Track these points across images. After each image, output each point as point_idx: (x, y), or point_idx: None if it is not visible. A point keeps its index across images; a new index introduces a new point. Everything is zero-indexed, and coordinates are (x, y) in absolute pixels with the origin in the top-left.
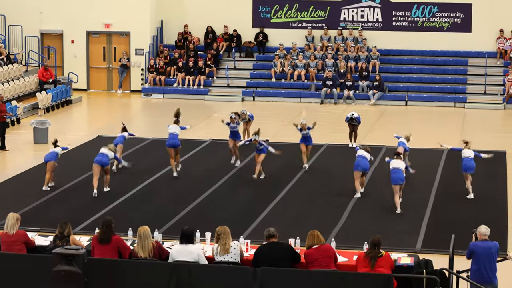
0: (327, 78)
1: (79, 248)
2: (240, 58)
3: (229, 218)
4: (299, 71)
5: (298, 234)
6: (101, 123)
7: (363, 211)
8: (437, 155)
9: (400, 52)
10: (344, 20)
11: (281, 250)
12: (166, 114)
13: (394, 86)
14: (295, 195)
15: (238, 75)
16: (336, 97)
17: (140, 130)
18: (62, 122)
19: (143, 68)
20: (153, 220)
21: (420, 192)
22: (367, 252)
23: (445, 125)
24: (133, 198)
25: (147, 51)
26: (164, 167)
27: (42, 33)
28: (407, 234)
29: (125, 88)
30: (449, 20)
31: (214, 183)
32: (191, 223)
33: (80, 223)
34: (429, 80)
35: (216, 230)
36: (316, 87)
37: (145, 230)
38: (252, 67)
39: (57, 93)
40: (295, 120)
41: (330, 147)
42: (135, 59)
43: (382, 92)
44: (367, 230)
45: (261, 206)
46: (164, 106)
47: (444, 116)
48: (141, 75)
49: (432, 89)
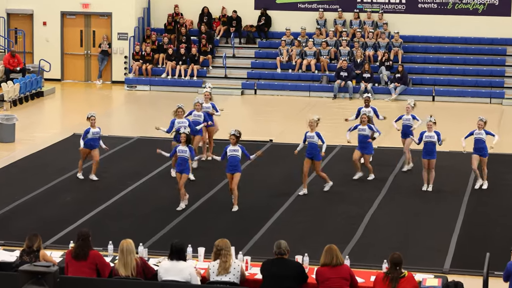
0: (341, 69)
1: (50, 265)
2: (240, 45)
3: (227, 230)
4: (309, 60)
5: (307, 250)
6: (77, 119)
7: (382, 224)
8: (469, 160)
9: (426, 39)
10: (361, 1)
11: (289, 267)
12: (153, 109)
13: (419, 79)
14: (303, 204)
15: (237, 64)
16: (351, 91)
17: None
18: (32, 118)
19: (127, 56)
20: (137, 232)
21: (450, 202)
22: (387, 272)
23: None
24: (114, 206)
25: (131, 36)
26: (152, 170)
27: (8, 13)
28: (434, 251)
29: (105, 78)
30: (485, 1)
31: (211, 188)
32: (182, 236)
33: (52, 236)
34: (461, 72)
35: (215, 244)
36: (328, 79)
37: (128, 244)
38: (254, 55)
39: (26, 84)
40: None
41: (344, 149)
42: (118, 45)
43: (405, 86)
44: (387, 246)
45: (264, 216)
46: (151, 100)
47: (477, 114)
48: (125, 64)
49: (464, 83)
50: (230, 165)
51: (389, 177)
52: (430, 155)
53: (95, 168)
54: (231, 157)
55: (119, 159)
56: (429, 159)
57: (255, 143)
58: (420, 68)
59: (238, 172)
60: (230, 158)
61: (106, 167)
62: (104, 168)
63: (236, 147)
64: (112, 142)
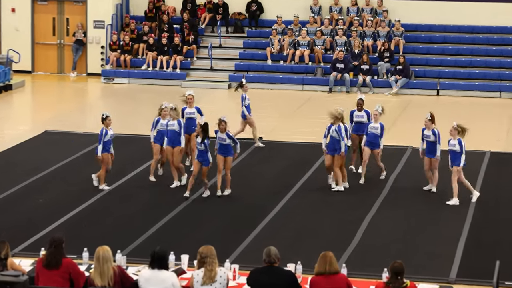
0: (337, 60)
1: (19, 274)
2: (227, 34)
3: (212, 236)
4: (302, 51)
5: (300, 257)
6: (49, 114)
7: (382, 229)
8: (477, 159)
9: (430, 27)
10: None
11: (280, 276)
12: (133, 104)
13: (422, 71)
14: (296, 207)
15: (224, 55)
16: (348, 84)
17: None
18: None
19: (104, 46)
20: (115, 238)
21: (456, 206)
22: (388, 282)
23: (488, 121)
24: (90, 210)
25: (108, 24)
26: (131, 170)
27: None
28: (439, 259)
29: (80, 70)
30: None
31: (195, 189)
32: (164, 242)
33: (21, 242)
34: (467, 63)
35: (198, 251)
36: (324, 72)
37: (104, 252)
38: (243, 45)
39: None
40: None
41: None
42: (94, 34)
43: (407, 79)
44: (387, 254)
45: (253, 220)
46: (130, 94)
47: (486, 109)
48: (101, 54)
49: (471, 75)
50: (220, 149)
51: (390, 178)
52: (430, 153)
53: (104, 176)
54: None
55: (95, 159)
56: (430, 158)
57: (243, 141)
58: (423, 59)
59: (230, 156)
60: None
61: (80, 167)
62: (79, 168)
63: (223, 135)
64: (87, 140)
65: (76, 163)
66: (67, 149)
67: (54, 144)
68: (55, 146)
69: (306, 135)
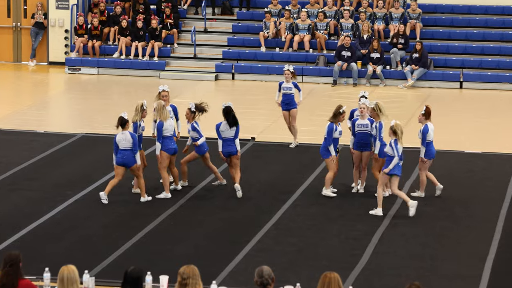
0: (342, 47)
1: None
2: (214, 17)
3: (196, 254)
4: (301, 36)
5: (298, 279)
6: (3, 111)
7: (393, 244)
8: (508, 163)
9: (452, 8)
10: None
11: None
12: (102, 98)
13: (443, 60)
14: (295, 220)
15: (210, 41)
16: (356, 75)
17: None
18: None
19: (68, 30)
20: (82, 256)
21: (482, 216)
22: None
23: None
24: (52, 223)
25: (74, 4)
26: (100, 177)
27: None
28: (462, 280)
29: (40, 58)
30: None
31: (176, 200)
32: (139, 260)
33: None
34: (496, 51)
35: (179, 272)
36: (327, 60)
37: (69, 272)
38: (232, 29)
39: None
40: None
41: (346, 149)
42: (56, 16)
43: (424, 69)
44: (401, 274)
45: (243, 235)
46: (100, 86)
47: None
48: (65, 40)
49: (500, 65)
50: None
51: (404, 185)
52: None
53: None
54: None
55: (58, 163)
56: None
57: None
58: (443, 46)
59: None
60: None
61: (40, 172)
62: (37, 174)
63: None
64: (49, 141)
65: (32, 168)
66: (25, 151)
67: (10, 145)
68: (11, 148)
69: (305, 135)
